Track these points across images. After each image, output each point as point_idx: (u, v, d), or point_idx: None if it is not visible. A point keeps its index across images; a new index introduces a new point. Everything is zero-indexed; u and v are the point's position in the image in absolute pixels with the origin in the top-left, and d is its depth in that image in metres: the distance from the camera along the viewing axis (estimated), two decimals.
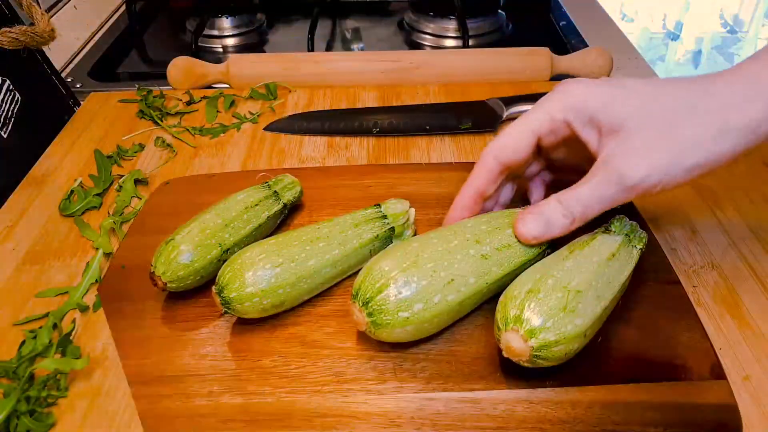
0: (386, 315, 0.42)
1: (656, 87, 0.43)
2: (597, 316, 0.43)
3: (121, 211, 0.63)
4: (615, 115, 0.43)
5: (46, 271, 0.57)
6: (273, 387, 0.45)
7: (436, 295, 0.44)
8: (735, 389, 0.45)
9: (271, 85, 0.83)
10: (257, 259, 0.47)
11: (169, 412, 0.43)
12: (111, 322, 0.50)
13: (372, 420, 0.43)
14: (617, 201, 0.43)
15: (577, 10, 1.14)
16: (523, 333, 0.41)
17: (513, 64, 0.86)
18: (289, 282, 0.47)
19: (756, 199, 0.64)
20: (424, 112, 0.78)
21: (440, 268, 0.44)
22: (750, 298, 0.53)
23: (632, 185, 0.41)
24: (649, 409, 0.43)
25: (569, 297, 0.42)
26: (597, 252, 0.46)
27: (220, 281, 0.47)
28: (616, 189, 0.42)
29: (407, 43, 1.09)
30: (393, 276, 0.43)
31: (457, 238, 0.47)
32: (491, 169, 0.49)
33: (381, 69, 0.86)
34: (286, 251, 0.48)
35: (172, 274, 0.49)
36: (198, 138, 0.75)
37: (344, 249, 0.50)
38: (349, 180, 0.64)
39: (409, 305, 0.43)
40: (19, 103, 0.71)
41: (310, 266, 0.48)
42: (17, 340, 0.50)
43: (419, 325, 0.44)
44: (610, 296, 0.45)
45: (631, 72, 0.93)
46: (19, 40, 0.68)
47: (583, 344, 0.43)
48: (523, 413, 0.43)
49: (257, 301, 0.46)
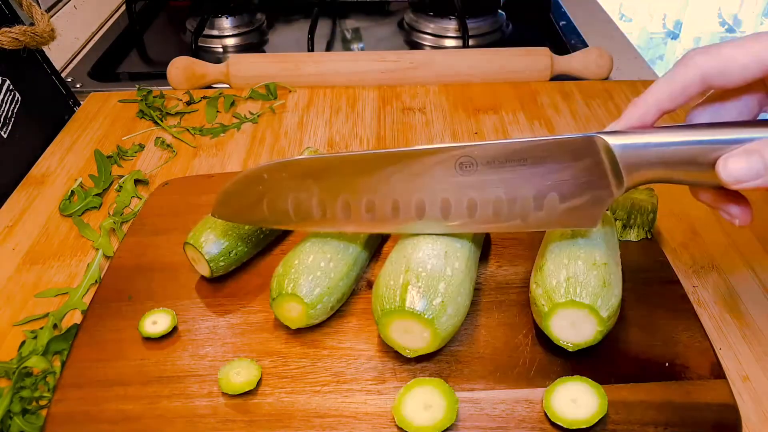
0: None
1: None
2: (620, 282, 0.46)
3: (121, 212, 0.63)
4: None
5: (46, 271, 0.57)
6: (273, 387, 0.45)
7: (447, 268, 0.45)
8: (735, 389, 0.45)
9: (271, 85, 0.83)
10: (309, 261, 0.48)
11: (169, 412, 0.43)
12: (110, 322, 0.50)
13: (372, 420, 0.43)
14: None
15: (577, 10, 1.14)
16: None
17: (513, 64, 0.86)
18: (343, 272, 0.48)
19: (756, 199, 0.64)
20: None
21: (436, 248, 0.46)
22: (750, 298, 0.53)
23: None
24: (649, 409, 0.43)
25: (603, 272, 0.45)
26: None
27: (284, 294, 0.46)
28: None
29: (407, 43, 1.09)
30: (413, 276, 0.45)
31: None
32: (648, 106, 0.40)
33: (381, 69, 0.86)
34: (327, 246, 0.49)
35: None
36: (198, 138, 0.75)
37: None
38: None
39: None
40: (19, 103, 0.71)
41: (351, 254, 0.50)
42: (17, 340, 0.50)
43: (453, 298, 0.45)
44: (619, 259, 0.49)
45: (631, 72, 0.93)
46: (19, 40, 0.68)
47: None
48: (523, 413, 0.43)
49: (326, 301, 0.47)
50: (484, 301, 0.51)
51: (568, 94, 0.84)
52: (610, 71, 0.88)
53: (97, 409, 0.44)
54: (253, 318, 0.50)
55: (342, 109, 0.81)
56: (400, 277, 0.44)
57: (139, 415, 0.43)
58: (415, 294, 0.43)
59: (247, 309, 0.51)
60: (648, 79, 0.89)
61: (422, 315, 0.43)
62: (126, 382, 0.45)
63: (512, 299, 0.51)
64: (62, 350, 0.48)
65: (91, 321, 0.50)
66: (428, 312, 0.43)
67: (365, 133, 0.76)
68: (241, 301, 0.51)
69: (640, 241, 0.56)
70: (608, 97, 0.83)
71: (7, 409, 0.43)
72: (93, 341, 0.48)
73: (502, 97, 0.83)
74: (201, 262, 0.51)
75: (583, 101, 0.82)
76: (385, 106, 0.82)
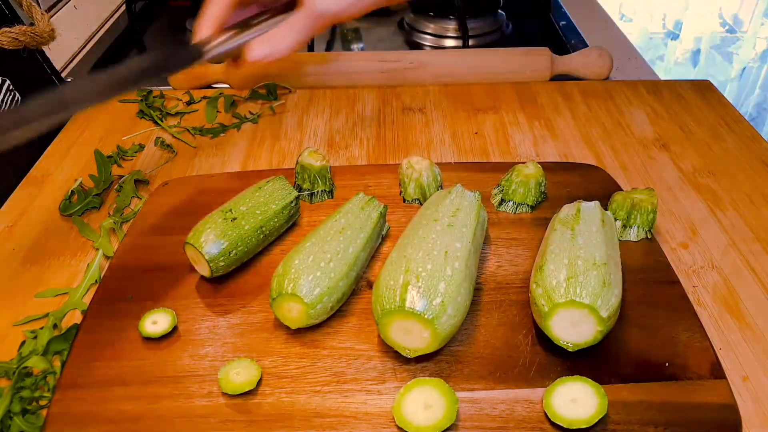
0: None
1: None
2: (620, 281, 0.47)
3: (121, 212, 0.63)
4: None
5: (46, 271, 0.57)
6: (273, 387, 0.45)
7: (447, 268, 0.45)
8: (735, 389, 0.45)
9: (271, 85, 0.83)
10: (309, 261, 0.48)
11: (169, 412, 0.43)
12: (110, 322, 0.50)
13: (372, 420, 0.43)
14: (315, 27, 0.55)
15: (577, 10, 1.14)
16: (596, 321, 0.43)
17: (513, 64, 0.86)
18: (343, 272, 0.48)
19: (756, 199, 0.64)
20: None
21: (436, 248, 0.47)
22: (750, 298, 0.53)
23: (320, 13, 0.53)
24: (649, 409, 0.43)
25: (602, 272, 0.45)
26: (592, 222, 0.50)
27: (284, 294, 0.47)
28: (311, 17, 0.54)
29: (407, 43, 1.09)
30: (413, 277, 0.45)
31: (422, 226, 0.50)
32: (223, 3, 0.55)
33: (381, 69, 0.86)
34: (327, 246, 0.49)
35: None
36: (198, 138, 0.75)
37: (366, 231, 0.52)
38: (349, 180, 0.64)
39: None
40: (19, 103, 0.71)
41: (351, 254, 0.50)
42: (17, 340, 0.50)
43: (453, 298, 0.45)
44: (619, 259, 0.49)
45: (631, 72, 0.93)
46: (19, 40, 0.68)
47: None
48: (523, 413, 0.43)
49: (326, 301, 0.47)
50: (484, 301, 0.51)
51: (568, 94, 0.84)
52: (610, 71, 0.88)
53: (97, 409, 0.44)
54: (253, 318, 0.50)
55: (342, 109, 0.81)
56: (400, 277, 0.44)
57: (139, 415, 0.43)
58: (415, 294, 0.43)
59: (247, 309, 0.51)
60: (648, 79, 0.89)
61: (422, 315, 0.43)
62: (126, 382, 0.45)
63: (512, 299, 0.51)
64: (62, 350, 0.48)
65: (91, 321, 0.50)
66: (428, 312, 0.43)
67: (365, 133, 0.76)
68: (241, 301, 0.51)
69: (640, 241, 0.56)
70: (608, 97, 0.83)
71: (7, 409, 0.43)
72: (93, 341, 0.48)
73: (502, 97, 0.83)
74: (201, 262, 0.51)
75: (583, 101, 0.82)
76: (385, 106, 0.82)
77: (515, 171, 0.60)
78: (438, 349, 0.45)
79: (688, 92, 0.84)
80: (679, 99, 0.82)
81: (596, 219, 0.51)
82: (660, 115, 0.79)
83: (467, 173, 0.65)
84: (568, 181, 0.63)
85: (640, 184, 0.67)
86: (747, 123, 0.77)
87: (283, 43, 0.54)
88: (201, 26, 0.55)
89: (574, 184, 0.63)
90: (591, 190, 0.62)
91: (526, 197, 0.60)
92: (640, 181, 0.67)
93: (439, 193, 0.55)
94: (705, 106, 0.81)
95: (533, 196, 0.60)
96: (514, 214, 0.60)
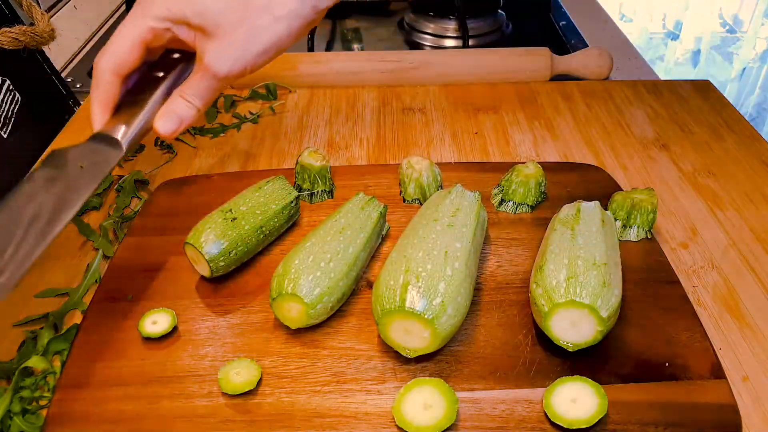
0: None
1: None
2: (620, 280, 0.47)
3: (121, 211, 0.63)
4: (207, 20, 0.49)
5: (46, 271, 0.57)
6: (273, 387, 0.45)
7: (447, 268, 0.45)
8: (735, 389, 0.45)
9: (271, 85, 0.83)
10: (309, 261, 0.48)
11: (169, 413, 0.43)
12: (110, 322, 0.50)
13: (372, 420, 0.43)
14: (219, 88, 0.52)
15: (577, 10, 1.14)
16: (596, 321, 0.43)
17: (513, 64, 0.86)
18: (343, 272, 0.48)
19: (756, 199, 0.64)
20: None
21: (436, 248, 0.47)
22: (750, 298, 0.53)
23: (224, 76, 0.50)
24: (649, 409, 0.43)
25: (602, 272, 0.45)
26: (592, 222, 0.50)
27: (284, 294, 0.46)
28: (215, 80, 0.51)
29: (407, 43, 1.09)
30: (413, 277, 0.45)
31: (422, 226, 0.50)
32: (112, 81, 0.54)
33: (381, 69, 0.86)
34: (327, 246, 0.49)
35: None
36: (198, 138, 0.75)
37: (366, 231, 0.52)
38: (349, 180, 0.64)
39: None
40: (19, 103, 0.71)
41: (351, 254, 0.50)
42: (17, 340, 0.50)
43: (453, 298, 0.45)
44: (619, 259, 0.49)
45: (631, 72, 0.93)
46: (19, 40, 0.68)
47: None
48: (523, 413, 0.43)
49: (326, 301, 0.47)
50: (484, 301, 0.51)
51: (568, 94, 0.84)
52: (610, 71, 0.88)
53: (97, 409, 0.44)
54: (253, 318, 0.50)
55: (342, 110, 0.81)
56: (400, 277, 0.44)
57: (139, 415, 0.43)
58: (415, 294, 0.43)
59: (247, 309, 0.51)
60: (648, 79, 0.89)
61: (422, 315, 0.43)
62: (126, 382, 0.45)
63: (512, 299, 0.51)
64: (62, 350, 0.48)
65: (91, 321, 0.50)
66: (428, 312, 0.43)
67: (365, 133, 0.76)
68: (241, 301, 0.51)
69: (640, 241, 0.56)
70: (608, 97, 0.83)
71: (7, 409, 0.43)
72: (93, 341, 0.48)
73: (502, 97, 0.83)
74: (201, 262, 0.51)
75: (583, 101, 0.82)
76: (385, 106, 0.82)
77: (515, 171, 0.60)
78: (438, 349, 0.45)
79: (688, 92, 0.84)
80: (679, 99, 0.82)
81: (596, 219, 0.51)
82: (660, 115, 0.79)
83: (467, 173, 0.65)
84: (568, 181, 0.63)
85: (640, 184, 0.67)
86: (747, 123, 0.77)
87: (189, 113, 0.51)
88: (96, 114, 0.52)
89: (574, 184, 0.63)
90: (591, 190, 0.62)
91: (526, 197, 0.60)
92: (640, 181, 0.67)
93: (439, 193, 0.55)
94: (705, 106, 0.81)
95: (533, 196, 0.60)
96: (514, 214, 0.60)
